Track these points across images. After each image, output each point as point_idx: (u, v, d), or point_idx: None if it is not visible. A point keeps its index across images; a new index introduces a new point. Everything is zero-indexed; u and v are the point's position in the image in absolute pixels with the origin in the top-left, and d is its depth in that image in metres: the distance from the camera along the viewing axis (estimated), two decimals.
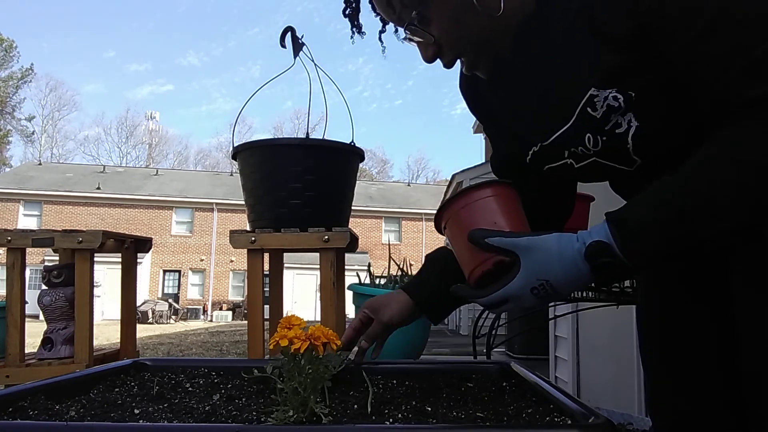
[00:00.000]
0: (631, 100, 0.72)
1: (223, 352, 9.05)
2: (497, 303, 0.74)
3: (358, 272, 1.91)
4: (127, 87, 71.12)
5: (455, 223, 0.80)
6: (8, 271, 2.19)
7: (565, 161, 0.83)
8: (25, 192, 25.55)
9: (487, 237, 0.73)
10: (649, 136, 0.74)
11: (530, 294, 0.71)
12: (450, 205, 0.81)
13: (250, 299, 1.85)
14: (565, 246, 0.69)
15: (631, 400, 3.28)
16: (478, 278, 0.76)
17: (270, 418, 0.65)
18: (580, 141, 0.77)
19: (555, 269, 0.69)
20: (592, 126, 0.75)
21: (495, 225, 0.76)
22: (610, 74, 0.72)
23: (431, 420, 0.70)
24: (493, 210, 0.79)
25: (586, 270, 0.68)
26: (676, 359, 0.89)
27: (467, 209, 0.79)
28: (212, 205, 26.89)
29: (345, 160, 1.90)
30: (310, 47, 1.87)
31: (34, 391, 0.76)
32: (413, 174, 48.13)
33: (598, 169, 0.81)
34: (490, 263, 0.74)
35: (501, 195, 0.80)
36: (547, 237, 0.71)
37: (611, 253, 0.67)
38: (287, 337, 0.69)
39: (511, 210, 0.80)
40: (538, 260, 0.70)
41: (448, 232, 0.82)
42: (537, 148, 0.86)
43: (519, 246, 0.71)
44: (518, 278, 0.70)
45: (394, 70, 79.60)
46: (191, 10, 74.76)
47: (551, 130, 0.81)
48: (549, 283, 0.70)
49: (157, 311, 21.15)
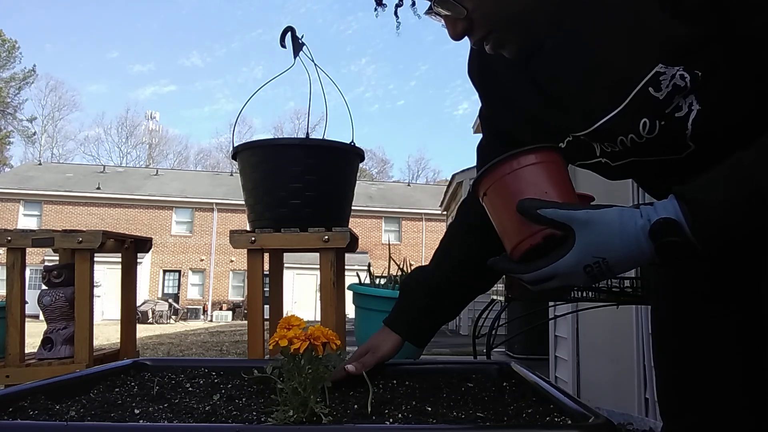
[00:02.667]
0: (697, 80, 0.65)
1: (223, 352, 9.05)
2: (543, 279, 0.68)
3: (358, 272, 1.91)
4: (130, 88, 71.20)
5: (499, 190, 0.72)
6: (8, 271, 2.19)
7: (598, 160, 0.78)
8: (25, 192, 25.55)
9: (539, 208, 0.66)
10: (710, 121, 0.68)
11: (582, 272, 0.65)
12: (494, 169, 0.72)
13: (250, 299, 1.85)
14: (627, 222, 0.63)
15: (631, 400, 3.28)
16: (524, 252, 0.69)
17: (270, 418, 0.65)
18: (632, 127, 0.70)
19: (614, 247, 0.63)
20: (652, 109, 0.68)
21: (546, 195, 0.69)
22: (680, 49, 0.65)
23: (431, 420, 0.70)
24: (543, 178, 0.71)
25: (649, 249, 0.62)
26: (695, 364, 0.84)
27: (514, 176, 0.71)
28: (212, 205, 26.88)
29: (345, 160, 1.90)
30: (313, 48, 1.87)
31: (34, 391, 0.76)
32: (413, 174, 48.16)
33: (635, 169, 0.76)
34: (540, 236, 0.68)
35: (551, 162, 0.73)
36: (607, 211, 0.65)
37: (680, 232, 0.61)
38: (287, 337, 0.69)
39: (561, 179, 0.72)
40: (597, 236, 0.64)
41: (488, 199, 0.75)
42: (570, 138, 0.78)
43: (576, 219, 0.64)
44: (572, 254, 0.65)
45: (396, 70, 79.69)
46: (195, 11, 74.81)
47: (596, 116, 0.73)
48: (605, 261, 0.64)
49: (157, 311, 21.14)
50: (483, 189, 0.75)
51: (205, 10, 75.33)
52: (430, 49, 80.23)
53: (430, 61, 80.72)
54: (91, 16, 69.79)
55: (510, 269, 0.72)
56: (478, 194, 0.76)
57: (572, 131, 0.78)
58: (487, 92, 0.93)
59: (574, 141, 0.79)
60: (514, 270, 0.71)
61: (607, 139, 0.74)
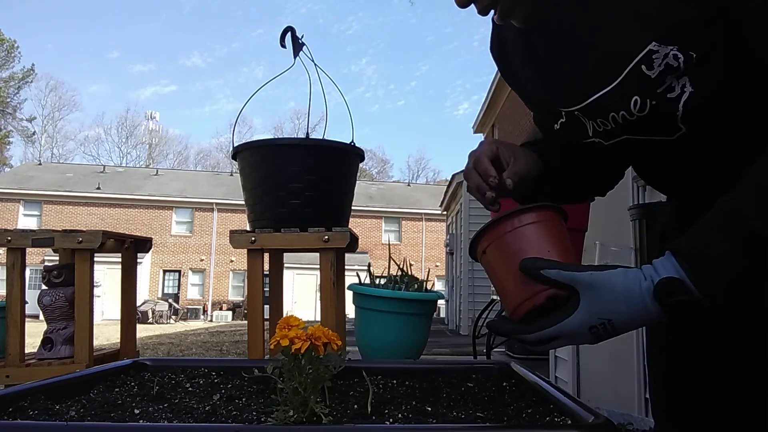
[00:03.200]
0: (690, 62, 0.65)
1: (223, 352, 9.05)
2: (547, 340, 0.67)
3: (358, 272, 1.91)
4: (131, 88, 71.30)
5: (499, 248, 0.72)
6: (8, 271, 2.19)
7: (592, 140, 0.77)
8: (25, 192, 25.56)
9: (542, 268, 0.66)
10: (702, 104, 0.67)
11: (588, 332, 0.65)
12: (494, 227, 0.72)
13: (250, 299, 1.85)
14: (632, 284, 0.63)
15: (631, 400, 3.28)
16: (526, 312, 0.69)
17: (270, 418, 0.65)
18: (623, 104, 0.70)
19: (620, 309, 0.63)
20: (643, 87, 0.67)
21: (548, 254, 0.68)
22: (676, 29, 0.64)
23: (431, 420, 0.70)
24: (544, 237, 0.71)
25: (655, 310, 0.62)
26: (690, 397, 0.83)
27: (515, 234, 0.71)
28: (212, 205, 26.89)
29: (345, 160, 1.90)
30: (313, 48, 1.87)
31: (34, 391, 0.76)
32: (413, 174, 48.18)
33: (629, 148, 0.75)
34: (543, 297, 0.67)
35: (551, 221, 0.73)
36: (611, 273, 0.64)
37: (686, 290, 0.60)
38: (288, 337, 0.69)
39: (561, 238, 0.72)
40: (602, 298, 0.63)
41: (487, 258, 0.74)
42: (564, 118, 0.78)
43: (580, 281, 0.64)
44: (576, 315, 0.64)
45: (397, 71, 79.78)
46: (196, 11, 74.90)
47: (591, 90, 0.72)
48: (611, 322, 0.64)
49: (157, 311, 21.14)
50: (482, 247, 0.74)
51: (206, 10, 75.52)
52: (430, 50, 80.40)
53: (430, 61, 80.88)
54: (93, 16, 69.97)
55: (512, 331, 0.71)
56: (476, 252, 0.76)
57: (566, 106, 0.77)
58: (503, 69, 0.92)
59: (567, 120, 0.78)
60: (517, 331, 0.70)
61: (599, 115, 0.74)
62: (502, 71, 0.94)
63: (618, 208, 3.07)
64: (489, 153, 0.82)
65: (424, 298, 1.46)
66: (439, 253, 23.89)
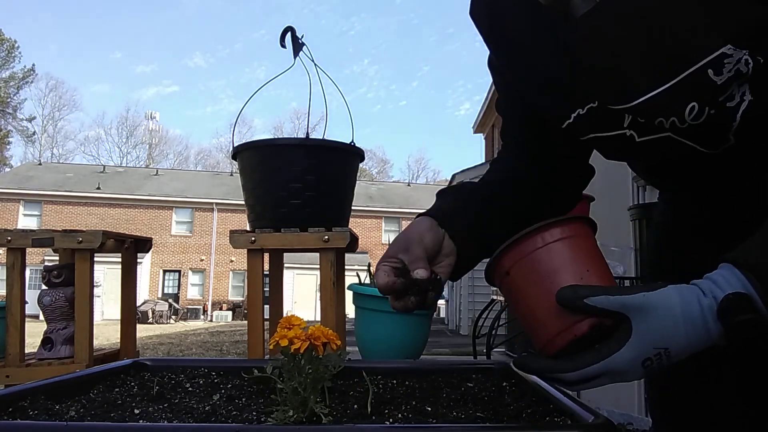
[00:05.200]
0: (758, 67, 0.57)
1: (223, 352, 9.05)
2: (590, 378, 0.57)
3: (358, 272, 1.91)
4: (133, 88, 71.37)
5: (527, 268, 0.61)
6: (8, 271, 2.19)
7: (622, 132, 0.67)
8: (25, 192, 25.57)
9: (585, 296, 0.55)
10: (760, 115, 0.60)
11: (641, 367, 0.54)
12: (520, 243, 0.61)
13: (250, 299, 1.85)
14: (690, 302, 0.53)
15: (631, 400, 3.28)
16: (563, 346, 0.58)
17: (270, 418, 0.65)
18: (675, 110, 0.61)
19: (678, 334, 0.53)
20: (705, 93, 0.59)
21: (586, 274, 0.58)
22: (752, 31, 0.56)
23: (431, 420, 0.70)
24: (580, 254, 0.61)
25: (717, 331, 0.53)
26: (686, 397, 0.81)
27: (547, 251, 0.60)
28: (212, 205, 26.90)
29: (345, 160, 1.90)
30: (315, 49, 1.87)
31: (34, 391, 0.76)
32: (413, 174, 48.21)
33: (664, 148, 0.66)
34: (586, 326, 0.56)
35: (585, 235, 0.62)
36: (665, 292, 0.54)
37: (754, 308, 0.51)
38: (287, 337, 0.69)
39: (597, 254, 0.62)
40: (658, 324, 0.53)
41: (512, 280, 0.62)
42: (595, 104, 0.68)
43: (633, 307, 0.54)
44: (629, 347, 0.54)
45: (399, 71, 79.83)
46: (198, 13, 74.99)
47: (636, 92, 0.63)
48: (668, 351, 0.54)
49: (157, 311, 21.15)
50: (505, 267, 0.62)
51: (208, 11, 75.66)
52: (432, 50, 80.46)
53: (432, 62, 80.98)
54: (96, 17, 70.09)
55: (548, 368, 0.59)
56: (496, 274, 0.64)
57: (605, 102, 0.67)
58: (496, 44, 0.81)
59: (599, 107, 0.68)
60: (554, 369, 0.59)
61: (643, 117, 0.65)
62: (492, 45, 0.82)
63: (618, 208, 3.07)
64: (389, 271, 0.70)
65: None
66: None
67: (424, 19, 79.55)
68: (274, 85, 47.95)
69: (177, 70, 74.37)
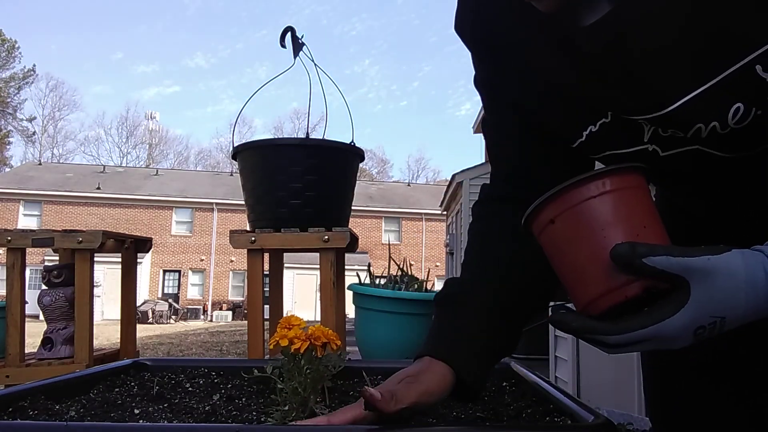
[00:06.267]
0: None
1: (223, 352, 9.05)
2: (635, 342, 0.51)
3: (358, 272, 1.91)
4: (134, 88, 71.32)
5: (576, 219, 0.54)
6: (8, 271, 2.19)
7: (644, 147, 0.62)
8: (25, 192, 25.57)
9: (644, 255, 0.49)
10: None
11: (692, 335, 0.50)
12: (570, 191, 0.53)
13: (250, 299, 1.85)
14: (755, 269, 0.49)
15: (631, 400, 3.28)
16: (609, 308, 0.52)
17: (270, 418, 0.65)
18: (718, 112, 0.55)
19: (739, 302, 0.49)
20: (752, 92, 0.53)
21: (644, 230, 0.52)
22: None
23: (431, 420, 0.70)
24: (639, 209, 0.54)
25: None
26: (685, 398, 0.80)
27: (602, 201, 0.53)
28: (212, 205, 26.91)
29: (345, 160, 1.90)
30: (317, 49, 1.87)
31: (34, 391, 0.76)
32: (413, 174, 48.17)
33: (686, 162, 0.61)
34: (638, 288, 0.51)
35: (642, 187, 0.55)
36: (729, 256, 0.50)
37: None
38: (287, 337, 0.69)
39: (654, 211, 0.55)
40: (718, 290, 0.49)
41: (556, 231, 0.55)
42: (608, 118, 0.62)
43: (696, 270, 0.49)
44: (684, 313, 0.49)
45: (400, 71, 79.75)
46: (200, 12, 74.94)
47: (671, 96, 0.56)
48: (724, 320, 0.50)
49: (157, 311, 21.15)
50: (549, 215, 0.55)
51: (209, 11, 75.58)
52: (433, 51, 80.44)
53: (433, 62, 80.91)
54: (97, 17, 70.07)
55: (590, 329, 0.53)
56: (536, 222, 0.57)
57: (628, 113, 0.60)
58: (488, 55, 0.74)
59: (614, 122, 0.62)
60: (597, 330, 0.53)
61: (678, 126, 0.58)
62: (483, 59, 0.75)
63: None
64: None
65: (424, 298, 1.46)
66: (439, 253, 23.90)
67: (424, 19, 79.54)
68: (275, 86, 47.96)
69: (178, 70, 74.48)
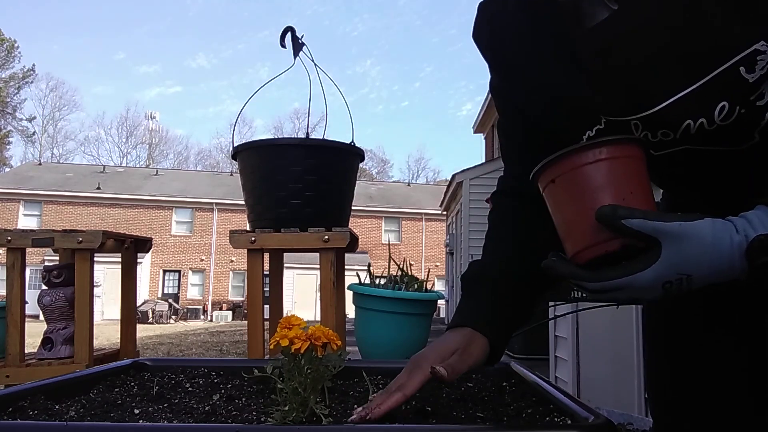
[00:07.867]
0: None
1: (223, 352, 9.05)
2: (612, 290, 0.59)
3: (358, 272, 1.91)
4: (136, 89, 71.27)
5: (573, 181, 0.62)
6: (8, 271, 2.19)
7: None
8: (25, 192, 25.57)
9: (624, 217, 0.56)
10: None
11: (660, 288, 0.57)
12: (571, 156, 0.61)
13: (250, 299, 1.85)
14: (721, 237, 0.55)
15: (631, 400, 3.28)
16: (592, 258, 0.60)
17: (270, 418, 0.65)
18: (705, 110, 0.60)
19: (703, 264, 0.56)
20: (736, 91, 0.58)
21: (630, 196, 0.59)
22: None
23: (431, 420, 0.70)
24: (627, 176, 0.61)
25: (741, 268, 0.55)
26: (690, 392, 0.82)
27: (596, 168, 0.60)
28: (212, 205, 26.91)
29: (345, 160, 1.90)
30: (318, 49, 1.87)
31: (34, 391, 0.76)
32: (413, 174, 48.15)
33: (678, 160, 0.66)
34: (617, 244, 0.59)
35: (636, 158, 0.62)
36: (699, 224, 0.56)
37: None
38: (288, 337, 0.69)
39: (644, 179, 0.62)
40: (686, 251, 0.56)
41: (555, 189, 0.64)
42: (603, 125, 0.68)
43: (667, 233, 0.56)
44: (654, 269, 0.56)
45: (401, 72, 79.71)
46: (202, 13, 74.92)
47: (661, 95, 0.62)
48: (690, 278, 0.56)
49: (157, 311, 21.15)
50: (551, 176, 0.63)
51: (211, 11, 75.56)
52: (434, 51, 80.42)
53: (434, 62, 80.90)
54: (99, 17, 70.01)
55: (574, 274, 0.62)
56: (540, 180, 0.65)
57: (622, 114, 0.66)
58: (499, 64, 0.81)
59: (608, 128, 0.67)
60: (580, 276, 0.61)
61: (666, 125, 0.64)
62: (495, 68, 0.82)
63: None
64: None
65: (424, 298, 1.46)
66: (439, 253, 23.89)
67: (426, 20, 79.51)
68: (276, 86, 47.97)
69: (180, 70, 74.47)
